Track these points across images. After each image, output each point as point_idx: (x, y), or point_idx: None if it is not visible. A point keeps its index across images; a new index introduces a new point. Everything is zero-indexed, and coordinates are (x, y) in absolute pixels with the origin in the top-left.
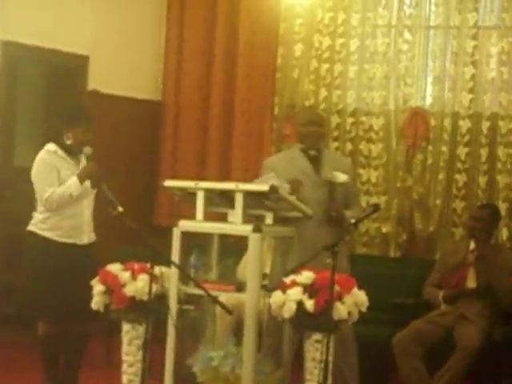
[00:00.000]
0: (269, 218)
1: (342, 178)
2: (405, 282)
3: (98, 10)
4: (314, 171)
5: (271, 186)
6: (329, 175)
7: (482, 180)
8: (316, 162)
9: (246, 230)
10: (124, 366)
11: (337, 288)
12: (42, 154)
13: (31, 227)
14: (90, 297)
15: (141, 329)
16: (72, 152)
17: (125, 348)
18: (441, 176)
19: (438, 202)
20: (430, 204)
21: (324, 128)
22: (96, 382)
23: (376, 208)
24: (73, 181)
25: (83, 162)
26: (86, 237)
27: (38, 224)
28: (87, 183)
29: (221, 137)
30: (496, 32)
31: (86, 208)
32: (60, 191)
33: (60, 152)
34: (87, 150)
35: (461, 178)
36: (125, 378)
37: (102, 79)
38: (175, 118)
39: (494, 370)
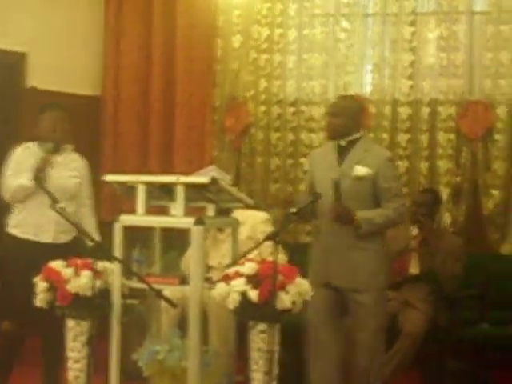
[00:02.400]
0: (210, 210)
1: (361, 171)
2: None
3: (35, 7)
4: (338, 163)
5: (211, 178)
6: (346, 170)
7: (424, 166)
8: (343, 153)
9: (188, 222)
10: (69, 362)
11: (280, 278)
12: (16, 150)
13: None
14: None
15: (85, 325)
16: (45, 147)
17: (70, 344)
18: None
19: None
20: None
21: (344, 118)
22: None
23: (317, 197)
24: (26, 173)
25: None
26: (52, 236)
27: (10, 221)
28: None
29: (162, 130)
30: (434, 18)
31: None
32: (14, 184)
33: (33, 147)
34: (50, 145)
35: (402, 165)
36: (71, 375)
37: (41, 76)
38: (115, 112)
39: (439, 355)
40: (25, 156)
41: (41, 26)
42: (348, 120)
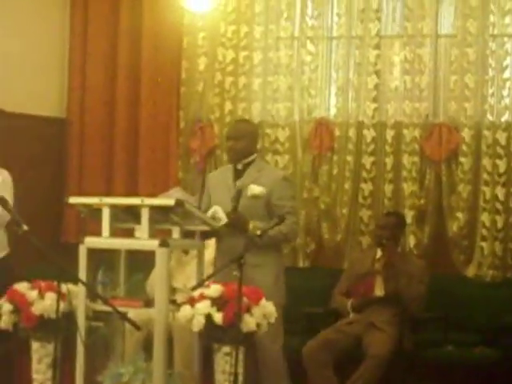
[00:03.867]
0: (175, 232)
1: (255, 190)
2: (313, 291)
3: (1, 28)
4: (234, 184)
5: (177, 200)
6: (242, 187)
7: (388, 188)
8: (239, 175)
9: (152, 244)
10: None
11: (245, 300)
12: None
13: None
14: None
15: (50, 347)
16: None
17: (34, 366)
18: (347, 185)
19: (345, 211)
20: (336, 213)
21: (244, 142)
22: None
23: (281, 219)
24: None
25: None
26: None
27: None
28: None
29: (127, 153)
30: (398, 41)
31: None
32: None
33: None
34: None
35: (366, 187)
36: None
37: (6, 98)
38: (80, 134)
39: (403, 377)
40: None
41: (5, 48)
42: (248, 143)
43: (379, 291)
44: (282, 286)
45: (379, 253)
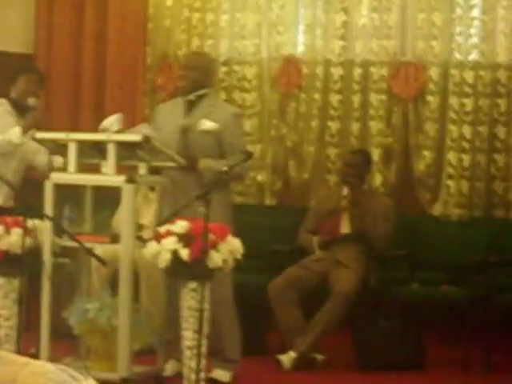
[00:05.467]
0: (142, 169)
1: (207, 125)
2: (280, 229)
3: None
4: (185, 117)
5: (143, 136)
6: (193, 122)
7: (355, 127)
8: (191, 108)
9: (119, 180)
10: (0, 320)
11: (211, 236)
12: None
13: None
14: None
15: (15, 282)
16: (18, 107)
17: (0, 302)
18: (314, 123)
19: (312, 149)
20: (303, 152)
21: (200, 73)
22: None
23: (248, 156)
24: (15, 129)
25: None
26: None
27: None
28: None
29: (94, 89)
30: None
31: (10, 170)
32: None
33: (7, 106)
34: (32, 100)
35: (334, 125)
36: (1, 332)
37: None
38: (47, 70)
39: (369, 315)
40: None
41: None
42: (201, 75)
43: (345, 229)
44: (229, 221)
45: (345, 191)
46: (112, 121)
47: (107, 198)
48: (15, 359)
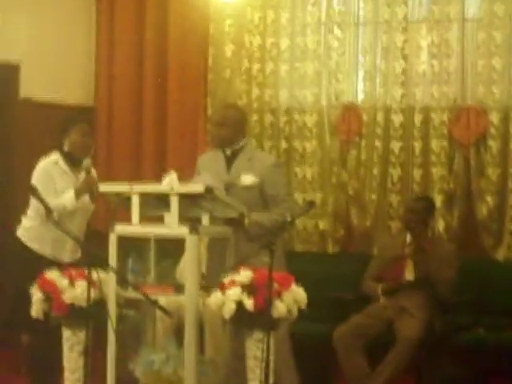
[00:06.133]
0: (205, 219)
1: (247, 180)
2: (343, 277)
3: (29, 18)
4: (227, 172)
5: (206, 187)
6: (234, 178)
7: (417, 173)
8: (230, 162)
9: (182, 231)
10: (66, 373)
11: (275, 286)
12: (43, 163)
13: (19, 233)
14: None
15: (81, 335)
16: (73, 161)
17: (66, 354)
18: (375, 171)
19: (374, 196)
20: (365, 199)
21: (230, 128)
22: None
23: (311, 205)
24: (69, 194)
25: (82, 175)
26: (68, 255)
27: (23, 231)
28: (85, 198)
29: (155, 140)
30: (425, 25)
31: (76, 225)
32: (54, 203)
33: (61, 162)
34: (86, 162)
35: (395, 172)
36: None
37: (34, 87)
38: (108, 123)
39: (434, 361)
40: (55, 172)
41: (34, 38)
42: (232, 130)
43: (409, 275)
44: (284, 269)
45: (409, 237)
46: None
47: (169, 248)
48: None
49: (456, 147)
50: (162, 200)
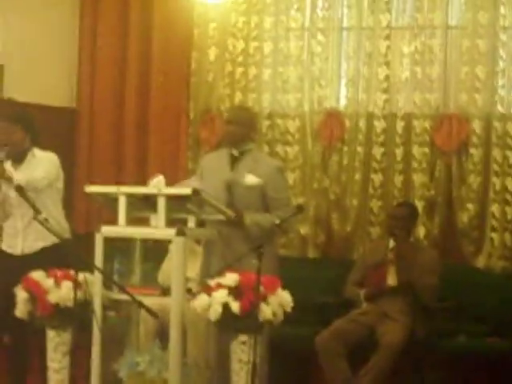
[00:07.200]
0: (191, 222)
1: (252, 180)
2: (324, 282)
3: (11, 19)
4: (230, 170)
5: (193, 190)
6: (238, 177)
7: (398, 179)
8: (236, 162)
9: (169, 233)
10: (50, 373)
11: (261, 289)
12: None
13: None
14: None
15: (66, 335)
16: None
17: (50, 354)
18: (357, 176)
19: (355, 202)
20: (346, 204)
21: (244, 127)
22: None
23: (300, 209)
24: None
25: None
26: (20, 247)
27: None
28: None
29: (136, 143)
30: (409, 32)
31: (19, 218)
32: None
33: None
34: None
35: (377, 178)
36: None
37: (17, 88)
38: (90, 125)
39: (416, 367)
40: None
41: (17, 39)
42: (247, 130)
43: (392, 281)
44: (276, 274)
45: (392, 243)
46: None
47: (150, 251)
48: None
49: (438, 154)
50: (148, 202)
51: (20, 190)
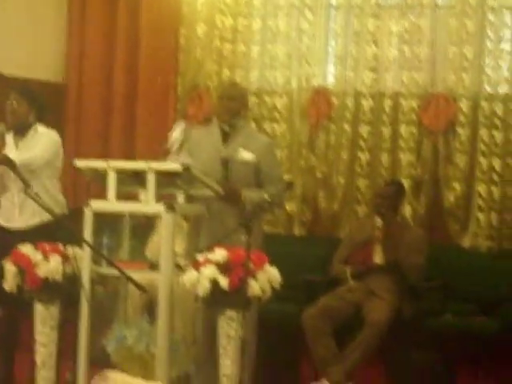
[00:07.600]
0: (180, 197)
1: (246, 156)
2: (310, 259)
3: None
4: (223, 146)
5: (184, 166)
6: (232, 152)
7: (385, 158)
8: (227, 137)
9: (158, 209)
10: (37, 347)
11: (250, 265)
12: None
13: None
14: None
15: (54, 309)
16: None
17: (38, 328)
18: (344, 154)
19: (342, 180)
20: (333, 182)
21: (237, 103)
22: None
23: (289, 186)
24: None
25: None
26: (18, 221)
27: None
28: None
29: (124, 118)
30: (398, 11)
31: (16, 192)
32: None
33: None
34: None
35: (364, 157)
36: (38, 359)
37: (4, 61)
38: (78, 98)
39: (402, 346)
40: None
41: (4, 12)
42: (241, 105)
43: (378, 259)
44: (261, 249)
45: (379, 221)
46: (176, 136)
47: (138, 226)
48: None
49: (425, 134)
50: (137, 177)
51: (8, 163)
